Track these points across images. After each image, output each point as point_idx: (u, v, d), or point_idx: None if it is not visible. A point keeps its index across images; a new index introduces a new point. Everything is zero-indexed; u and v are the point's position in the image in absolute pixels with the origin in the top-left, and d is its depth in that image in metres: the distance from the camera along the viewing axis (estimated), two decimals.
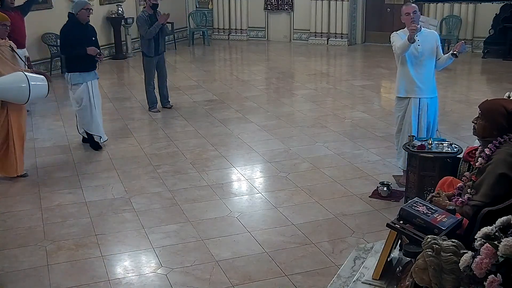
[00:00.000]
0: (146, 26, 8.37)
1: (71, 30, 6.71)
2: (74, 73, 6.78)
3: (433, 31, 5.82)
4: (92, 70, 6.89)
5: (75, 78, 6.80)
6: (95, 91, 6.96)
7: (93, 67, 6.90)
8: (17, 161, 6.08)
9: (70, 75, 6.84)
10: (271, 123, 8.07)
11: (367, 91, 9.97)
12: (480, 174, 3.37)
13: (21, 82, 5.83)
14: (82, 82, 6.82)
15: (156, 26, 8.35)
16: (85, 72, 6.81)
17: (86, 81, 6.84)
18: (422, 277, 2.72)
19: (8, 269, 4.39)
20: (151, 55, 8.57)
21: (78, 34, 6.69)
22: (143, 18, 8.46)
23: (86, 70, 6.81)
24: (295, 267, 4.33)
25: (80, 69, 6.78)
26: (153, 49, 8.54)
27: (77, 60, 6.75)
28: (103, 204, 5.52)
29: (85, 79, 6.83)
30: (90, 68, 6.86)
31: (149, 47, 8.53)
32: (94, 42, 6.89)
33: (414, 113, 5.59)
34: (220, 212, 5.29)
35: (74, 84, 6.83)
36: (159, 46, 8.63)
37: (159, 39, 8.60)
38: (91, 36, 6.88)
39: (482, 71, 11.85)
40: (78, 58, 6.72)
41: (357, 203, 5.44)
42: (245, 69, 12.68)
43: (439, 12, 13.23)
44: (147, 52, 8.59)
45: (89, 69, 6.84)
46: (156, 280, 4.22)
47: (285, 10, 15.17)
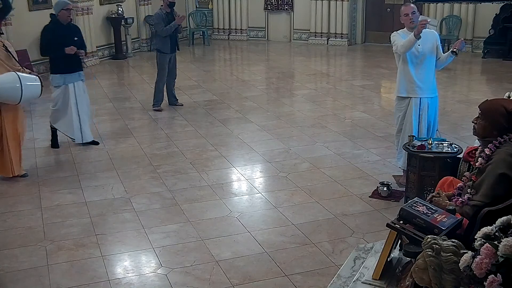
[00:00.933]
0: (162, 23, 8.45)
1: (52, 31, 6.70)
2: (56, 75, 6.76)
3: (433, 31, 5.81)
4: (75, 72, 6.84)
5: (56, 80, 6.80)
6: (78, 93, 6.91)
7: (77, 69, 6.85)
8: (12, 162, 6.05)
9: (52, 76, 6.85)
10: (271, 123, 8.07)
11: (367, 91, 9.97)
12: (480, 174, 3.37)
13: (13, 82, 5.80)
14: (61, 84, 6.79)
15: (172, 25, 8.44)
16: (67, 73, 6.78)
17: (67, 83, 6.81)
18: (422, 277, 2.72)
19: (8, 269, 4.39)
20: (167, 52, 8.61)
21: (59, 35, 6.66)
22: (160, 15, 8.53)
23: (68, 71, 6.77)
24: (295, 267, 4.33)
25: (62, 71, 6.75)
26: (169, 46, 8.60)
27: (60, 61, 6.72)
28: (103, 204, 5.52)
29: (66, 81, 6.80)
30: (73, 69, 6.81)
31: (165, 44, 8.58)
32: (77, 42, 6.83)
33: (414, 113, 5.59)
34: (220, 212, 5.29)
35: (55, 86, 6.85)
36: (175, 44, 8.72)
37: (176, 37, 8.71)
38: (74, 36, 6.82)
39: (482, 71, 11.84)
40: (60, 59, 6.68)
41: (357, 203, 5.44)
42: (245, 69, 12.68)
43: (439, 12, 13.23)
44: (162, 49, 8.63)
45: (71, 71, 6.80)
46: (156, 280, 4.22)
47: (285, 10, 15.17)
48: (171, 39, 8.61)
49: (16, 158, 6.12)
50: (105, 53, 13.07)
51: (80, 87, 6.98)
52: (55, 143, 7.14)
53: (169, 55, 8.67)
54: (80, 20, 11.88)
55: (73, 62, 6.79)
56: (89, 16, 12.15)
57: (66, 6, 6.69)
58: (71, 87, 6.86)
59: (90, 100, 7.26)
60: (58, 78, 6.79)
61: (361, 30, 14.79)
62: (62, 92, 6.86)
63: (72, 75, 6.85)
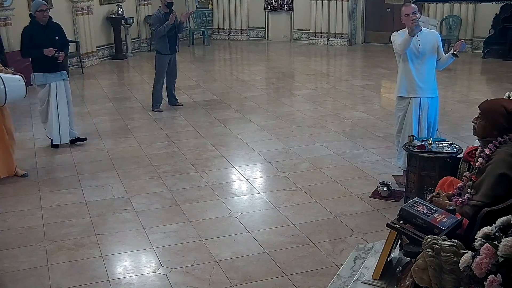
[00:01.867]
0: (158, 24, 8.41)
1: (31, 31, 6.67)
2: (38, 73, 6.74)
3: (433, 31, 5.82)
4: (57, 71, 6.80)
5: (38, 78, 6.77)
6: (59, 93, 6.86)
7: (58, 68, 6.81)
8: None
9: (34, 75, 6.81)
10: (271, 123, 8.07)
11: (367, 91, 9.97)
12: (480, 174, 3.37)
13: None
14: (45, 83, 6.78)
15: (166, 25, 8.37)
16: (49, 73, 6.75)
17: (49, 82, 6.79)
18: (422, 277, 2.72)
19: (8, 269, 4.39)
20: (166, 53, 8.58)
21: (38, 35, 6.63)
22: (157, 16, 8.51)
23: (49, 71, 6.74)
24: (295, 267, 4.33)
25: (43, 70, 6.73)
26: (167, 47, 8.56)
27: (40, 61, 6.69)
28: (103, 204, 5.52)
29: (48, 80, 6.78)
30: (54, 69, 6.77)
31: (163, 45, 8.55)
32: (58, 42, 6.79)
33: (414, 113, 5.58)
34: (220, 212, 5.29)
35: (38, 85, 6.82)
36: (175, 45, 8.66)
37: (175, 38, 8.63)
38: (54, 36, 6.77)
39: (482, 71, 11.84)
40: (41, 59, 6.65)
41: (357, 203, 5.44)
42: (245, 69, 12.68)
43: (439, 12, 13.23)
44: (161, 50, 8.60)
45: (52, 70, 6.76)
46: (156, 280, 4.22)
47: (285, 10, 15.17)
48: (170, 39, 8.55)
49: (4, 160, 6.06)
50: (105, 53, 13.07)
51: (62, 86, 6.90)
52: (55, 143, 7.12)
53: (168, 56, 8.63)
54: (80, 20, 11.90)
55: (54, 62, 6.71)
56: (89, 16, 12.15)
57: (40, 7, 6.63)
58: (53, 86, 6.82)
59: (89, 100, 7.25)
60: (40, 77, 6.74)
61: (361, 30, 14.80)
62: (46, 91, 6.82)
63: (54, 75, 6.80)
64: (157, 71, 8.75)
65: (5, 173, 6.12)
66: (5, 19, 10.16)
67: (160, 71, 8.71)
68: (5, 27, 10.15)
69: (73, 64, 11.76)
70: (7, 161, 6.13)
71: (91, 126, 8.04)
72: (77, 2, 11.73)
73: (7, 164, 6.13)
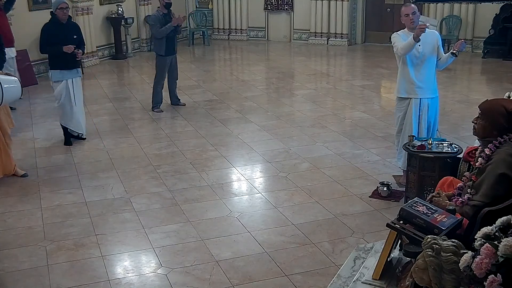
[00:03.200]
0: (158, 25, 8.40)
1: (50, 28, 6.83)
2: (55, 70, 6.93)
3: (434, 31, 5.81)
4: (73, 68, 6.98)
5: (56, 75, 6.95)
6: (76, 89, 7.06)
7: (75, 65, 6.99)
8: None
9: (51, 72, 7.02)
10: (271, 123, 8.07)
11: (367, 91, 9.97)
12: (480, 174, 3.37)
13: None
14: (61, 80, 6.93)
15: (168, 26, 8.37)
16: (66, 69, 6.92)
17: (66, 79, 6.95)
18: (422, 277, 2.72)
19: (8, 269, 4.39)
20: (166, 54, 8.58)
21: (57, 33, 6.79)
22: (156, 17, 8.50)
23: (66, 68, 6.91)
24: (295, 267, 4.33)
25: (60, 67, 6.89)
26: (165, 49, 8.55)
27: (58, 58, 6.86)
28: (103, 204, 5.52)
29: (65, 76, 6.94)
30: (71, 66, 6.95)
31: (162, 47, 8.54)
32: (76, 40, 6.94)
33: (414, 113, 5.58)
34: (220, 212, 5.29)
35: (55, 81, 6.99)
36: (173, 46, 8.67)
37: (174, 39, 8.64)
38: (72, 34, 6.93)
39: (482, 71, 11.84)
40: (59, 56, 6.82)
41: (357, 203, 5.44)
42: (245, 69, 12.67)
43: (439, 12, 13.23)
44: (160, 52, 8.60)
45: (69, 67, 6.94)
46: (156, 280, 4.22)
47: (285, 10, 15.17)
48: (168, 41, 8.53)
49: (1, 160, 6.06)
50: (105, 53, 13.07)
51: (78, 83, 7.11)
52: (68, 140, 7.21)
53: (168, 57, 8.63)
54: (80, 20, 11.87)
55: (71, 59, 6.89)
56: (89, 16, 12.15)
57: (60, 5, 6.78)
58: (70, 83, 7.00)
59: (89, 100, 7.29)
60: (58, 73, 6.93)
61: (361, 30, 14.79)
62: (63, 87, 6.97)
63: (71, 71, 6.99)
64: (158, 73, 8.75)
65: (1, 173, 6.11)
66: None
67: (161, 72, 8.71)
68: None
69: None
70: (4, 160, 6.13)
71: (91, 126, 8.03)
72: (77, 2, 11.73)
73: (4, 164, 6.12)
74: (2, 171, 6.11)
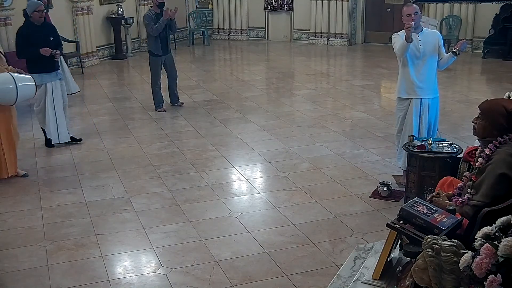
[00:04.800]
0: (152, 23, 8.40)
1: (26, 32, 6.68)
2: (34, 74, 6.67)
3: (435, 31, 5.81)
4: (52, 71, 6.84)
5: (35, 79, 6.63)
6: (55, 93, 6.92)
7: (53, 68, 6.85)
8: (6, 163, 6.04)
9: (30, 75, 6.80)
10: (271, 123, 8.07)
11: (367, 91, 9.97)
12: (480, 174, 3.37)
13: (8, 83, 5.78)
14: (41, 83, 6.78)
15: (161, 22, 8.36)
16: (45, 73, 6.78)
17: (45, 82, 6.82)
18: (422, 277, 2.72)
19: (8, 269, 4.39)
20: (159, 53, 8.57)
21: (33, 35, 6.64)
22: (149, 16, 8.50)
23: (45, 71, 6.77)
24: (295, 267, 4.33)
25: (39, 70, 6.73)
26: (160, 48, 8.54)
27: (36, 61, 6.72)
28: (103, 204, 5.52)
29: (44, 80, 6.80)
30: (49, 69, 6.81)
31: (156, 46, 8.54)
32: (53, 41, 6.81)
33: (415, 113, 5.58)
34: (220, 212, 5.29)
35: None
36: (167, 45, 8.64)
37: (167, 38, 8.62)
38: (49, 36, 6.80)
39: (482, 71, 11.84)
40: (36, 59, 6.68)
41: (357, 203, 5.44)
42: (245, 69, 12.67)
43: (439, 12, 13.23)
44: (154, 51, 8.59)
45: (48, 70, 6.80)
46: (156, 280, 4.22)
47: (285, 10, 15.17)
48: (162, 40, 8.52)
49: (10, 159, 6.10)
50: (105, 53, 13.07)
51: (58, 86, 6.95)
52: (49, 142, 7.13)
53: (161, 57, 8.61)
54: (80, 20, 11.89)
55: (50, 61, 6.76)
56: (89, 16, 12.15)
57: (38, 8, 6.66)
58: (49, 86, 6.86)
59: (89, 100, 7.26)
60: (37, 77, 6.66)
61: (361, 30, 14.79)
62: (42, 91, 6.84)
63: (50, 74, 6.84)
64: (152, 73, 8.75)
65: (12, 172, 6.15)
66: (5, 19, 10.16)
67: (155, 72, 8.71)
68: (5, 27, 10.15)
69: (73, 64, 11.75)
70: (14, 159, 6.18)
71: (91, 126, 8.04)
72: (77, 2, 11.72)
73: (14, 163, 6.17)
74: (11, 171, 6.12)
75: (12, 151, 6.14)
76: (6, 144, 6.05)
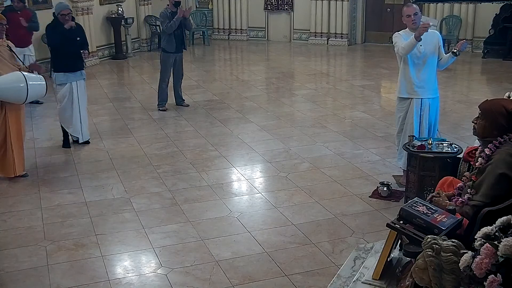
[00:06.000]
0: (167, 21, 8.45)
1: (56, 27, 6.77)
2: (59, 73, 6.84)
3: (435, 31, 5.81)
4: (77, 71, 6.92)
5: (59, 78, 6.88)
6: (80, 92, 7.00)
7: (78, 68, 6.94)
8: (14, 161, 6.06)
9: (55, 74, 6.95)
10: (271, 123, 8.07)
11: (367, 91, 9.97)
12: (480, 174, 3.37)
13: (19, 82, 5.83)
14: (65, 82, 6.87)
15: (176, 19, 8.40)
16: (70, 72, 6.86)
17: (70, 82, 6.89)
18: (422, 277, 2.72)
19: (8, 269, 4.39)
20: (172, 51, 8.60)
21: (62, 32, 6.73)
22: (165, 14, 8.56)
23: (70, 70, 6.85)
24: (295, 267, 4.33)
25: (64, 69, 6.82)
26: (174, 45, 8.58)
27: (62, 60, 6.81)
28: (103, 204, 5.52)
29: (68, 79, 6.87)
30: (75, 68, 6.89)
31: (170, 43, 8.58)
32: (79, 42, 6.88)
33: (416, 113, 5.58)
34: (220, 212, 5.29)
35: (58, 84, 6.92)
36: (181, 43, 8.69)
37: (182, 36, 8.67)
38: (75, 36, 6.86)
39: (482, 71, 11.84)
40: (63, 58, 6.77)
41: (357, 203, 5.44)
42: (245, 69, 12.68)
43: (439, 12, 13.23)
44: (167, 48, 8.64)
45: (73, 70, 6.88)
46: (156, 280, 4.22)
47: (285, 10, 15.17)
48: (176, 38, 8.58)
49: (19, 158, 6.14)
50: (105, 53, 13.07)
51: (82, 86, 7.06)
52: (67, 143, 7.15)
53: (173, 55, 8.65)
54: (80, 20, 11.84)
55: (75, 60, 6.86)
56: (89, 16, 12.15)
57: (62, 12, 6.76)
58: (74, 86, 6.94)
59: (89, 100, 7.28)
60: (61, 76, 6.85)
61: (361, 30, 14.79)
62: (66, 90, 6.92)
63: (75, 74, 6.93)
64: (162, 70, 8.79)
65: (21, 171, 6.16)
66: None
67: (165, 69, 8.75)
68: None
69: None
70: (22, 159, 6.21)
71: (91, 126, 8.02)
72: (77, 2, 11.73)
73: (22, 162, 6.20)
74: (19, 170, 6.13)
75: (21, 150, 6.18)
76: (16, 142, 6.07)
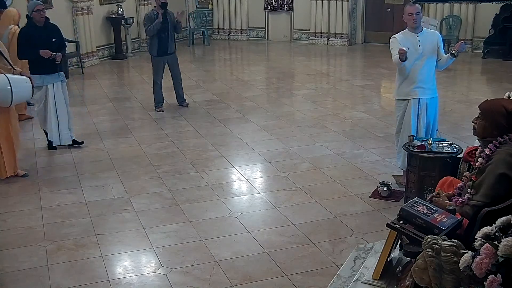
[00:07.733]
0: (148, 24, 8.37)
1: (27, 32, 6.61)
2: (35, 75, 6.60)
3: (434, 31, 5.81)
4: (53, 73, 6.74)
5: (36, 80, 6.58)
6: (57, 94, 6.83)
7: (55, 70, 6.75)
8: (4, 162, 6.03)
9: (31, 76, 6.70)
10: (271, 123, 8.07)
11: (367, 91, 9.97)
12: (480, 174, 3.37)
13: (3, 85, 5.76)
14: (42, 85, 6.72)
15: (155, 24, 8.29)
16: (46, 74, 6.70)
17: (46, 84, 6.74)
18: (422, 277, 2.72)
19: (8, 269, 4.39)
20: (154, 54, 8.58)
21: (35, 36, 6.56)
22: (149, 16, 8.46)
23: (46, 72, 6.69)
24: (295, 267, 4.33)
25: (40, 72, 6.66)
26: (157, 49, 8.52)
27: (37, 62, 6.62)
28: (103, 204, 5.52)
29: (45, 81, 6.73)
30: (51, 70, 6.71)
31: (153, 46, 8.56)
32: (55, 43, 6.72)
33: (413, 113, 5.58)
34: (220, 212, 5.29)
35: (35, 86, 6.63)
36: (166, 46, 8.59)
37: (167, 39, 8.57)
38: (51, 37, 6.70)
39: (482, 71, 11.84)
40: (38, 60, 6.59)
41: (357, 203, 5.44)
42: (245, 69, 12.68)
43: (439, 12, 13.22)
44: (151, 51, 8.64)
45: (49, 72, 6.71)
46: (156, 280, 4.22)
47: (285, 10, 15.17)
48: (161, 41, 8.46)
49: (9, 159, 6.09)
50: (105, 53, 13.06)
51: (59, 88, 6.86)
52: (51, 144, 7.06)
53: (162, 58, 8.60)
54: (80, 20, 11.89)
55: (51, 63, 6.65)
56: (89, 16, 12.14)
57: (36, 7, 6.58)
58: (50, 88, 6.78)
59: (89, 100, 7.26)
60: (38, 78, 6.62)
61: (361, 30, 14.79)
62: (43, 92, 6.78)
63: (52, 76, 6.76)
64: (153, 72, 8.80)
65: (11, 172, 6.14)
66: None
67: (155, 72, 8.72)
68: None
69: (73, 64, 11.75)
70: (13, 159, 6.16)
71: (91, 126, 8.04)
72: (77, 2, 11.72)
73: (13, 163, 6.16)
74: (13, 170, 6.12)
75: (11, 151, 6.12)
76: (5, 144, 6.04)
